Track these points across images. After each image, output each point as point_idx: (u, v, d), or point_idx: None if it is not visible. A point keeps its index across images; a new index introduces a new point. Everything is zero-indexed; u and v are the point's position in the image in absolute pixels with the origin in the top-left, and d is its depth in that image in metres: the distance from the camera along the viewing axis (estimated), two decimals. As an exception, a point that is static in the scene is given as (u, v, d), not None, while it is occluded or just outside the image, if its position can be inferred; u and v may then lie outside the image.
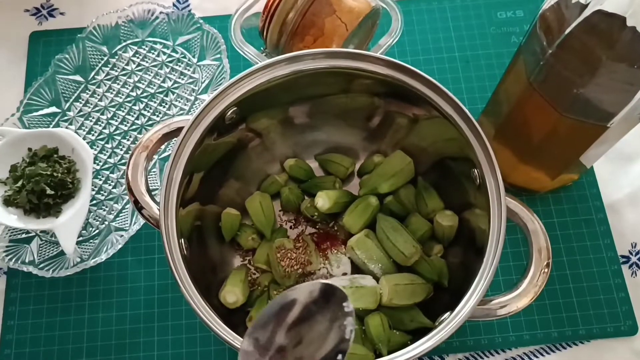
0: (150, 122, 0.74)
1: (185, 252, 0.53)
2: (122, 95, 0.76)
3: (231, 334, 0.49)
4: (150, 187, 0.57)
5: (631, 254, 0.69)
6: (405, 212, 0.66)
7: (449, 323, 0.49)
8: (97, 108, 0.75)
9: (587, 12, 0.48)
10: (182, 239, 0.54)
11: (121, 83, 0.77)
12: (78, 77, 0.76)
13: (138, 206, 0.55)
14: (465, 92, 0.77)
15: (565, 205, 0.71)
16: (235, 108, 0.58)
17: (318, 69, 0.57)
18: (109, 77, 0.77)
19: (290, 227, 0.69)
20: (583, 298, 0.67)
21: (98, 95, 0.76)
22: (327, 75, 0.59)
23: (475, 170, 0.55)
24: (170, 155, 0.54)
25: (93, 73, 0.77)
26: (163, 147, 0.69)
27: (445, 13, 0.82)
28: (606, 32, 0.48)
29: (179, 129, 0.56)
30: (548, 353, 0.65)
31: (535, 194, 0.71)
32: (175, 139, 0.56)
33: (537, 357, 0.65)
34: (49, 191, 0.64)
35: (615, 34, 0.48)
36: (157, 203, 0.55)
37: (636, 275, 0.68)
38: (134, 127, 0.74)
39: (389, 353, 0.50)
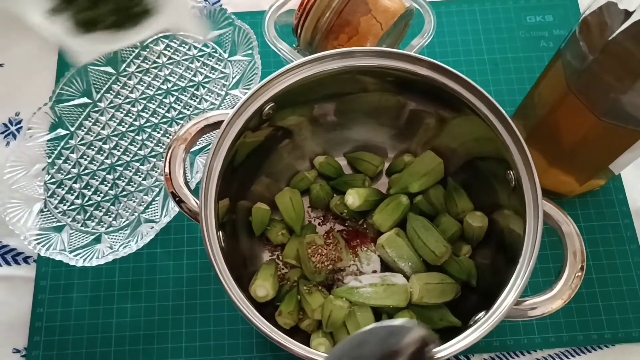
0: (181, 116, 0.75)
1: (222, 244, 0.54)
2: (153, 88, 0.77)
3: (269, 326, 0.50)
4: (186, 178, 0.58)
5: (657, 259, 0.70)
6: (434, 212, 0.67)
7: (485, 322, 0.50)
8: (127, 100, 0.76)
9: (633, 19, 0.48)
10: (220, 232, 0.54)
11: (152, 76, 0.77)
12: (109, 69, 0.77)
13: (176, 198, 0.56)
14: (494, 95, 0.75)
15: (592, 210, 0.71)
16: (273, 104, 0.58)
17: (367, 67, 0.58)
18: (140, 69, 0.78)
19: (319, 224, 0.69)
20: (609, 302, 0.67)
21: (129, 87, 0.77)
22: (368, 73, 0.59)
23: (511, 172, 0.56)
24: (201, 149, 0.54)
25: (124, 65, 0.77)
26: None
27: (475, 16, 0.82)
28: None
29: (219, 122, 0.56)
30: (573, 356, 0.66)
31: (562, 198, 0.71)
32: (215, 131, 0.56)
33: (562, 359, 0.66)
34: None
35: (659, 41, 0.48)
36: (193, 195, 0.56)
37: (662, 281, 0.69)
38: (164, 120, 0.75)
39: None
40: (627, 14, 0.49)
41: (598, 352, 0.66)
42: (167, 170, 0.56)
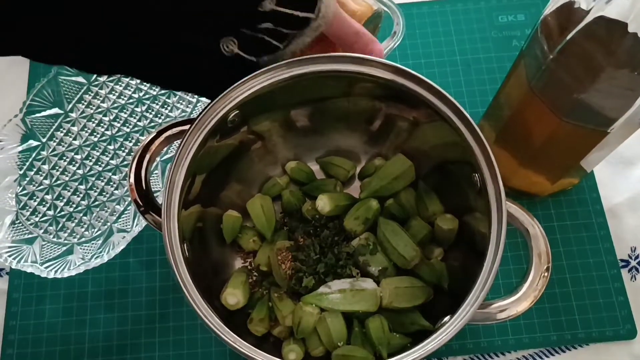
0: (152, 124, 0.75)
1: (187, 254, 0.54)
2: (125, 97, 0.76)
3: (232, 335, 0.49)
4: (152, 189, 0.57)
5: (630, 258, 0.70)
6: (405, 215, 0.67)
7: (449, 327, 0.49)
8: (99, 110, 0.76)
9: (589, 18, 0.48)
10: (185, 242, 0.54)
11: (123, 85, 0.77)
12: (81, 79, 0.77)
13: (140, 209, 0.55)
14: (467, 95, 0.77)
15: (565, 209, 0.71)
16: (237, 111, 0.58)
17: (320, 72, 0.58)
18: (111, 78, 0.77)
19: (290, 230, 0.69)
20: (582, 302, 0.67)
21: (100, 96, 0.76)
22: (329, 78, 0.59)
23: (476, 175, 0.55)
24: (172, 157, 0.55)
25: (95, 74, 0.77)
26: (165, 149, 0.69)
27: (446, 17, 0.82)
28: (607, 38, 0.49)
29: (181, 132, 0.56)
30: (547, 356, 0.66)
31: (535, 197, 0.71)
32: (178, 141, 0.56)
33: (536, 360, 0.66)
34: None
35: (617, 40, 0.48)
36: (159, 205, 0.56)
37: (635, 279, 0.69)
38: (136, 129, 0.75)
39: (389, 355, 0.50)
40: (584, 13, 0.49)
41: (572, 351, 0.66)
42: (131, 180, 0.56)
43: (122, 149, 0.74)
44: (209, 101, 0.56)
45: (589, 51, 0.50)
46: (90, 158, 0.74)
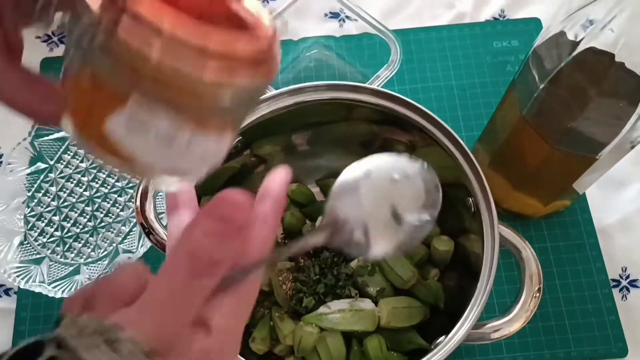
0: (157, 147, 0.77)
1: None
2: (131, 120, 0.78)
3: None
4: (158, 211, 0.59)
5: (622, 277, 0.71)
6: (403, 237, 0.68)
7: (445, 345, 0.51)
8: (105, 132, 0.78)
9: (578, 49, 0.50)
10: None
11: (129, 108, 0.79)
12: (88, 102, 0.79)
13: (145, 231, 0.57)
14: (462, 119, 0.79)
15: (558, 230, 0.73)
16: (241, 137, 0.60)
17: (319, 100, 0.60)
18: (117, 102, 0.79)
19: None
20: (575, 321, 0.69)
21: (107, 120, 0.78)
22: (328, 105, 0.61)
23: (470, 199, 0.58)
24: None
25: None
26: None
27: (443, 42, 0.84)
28: (596, 68, 0.51)
29: (187, 157, 0.58)
30: (541, 374, 0.68)
31: (529, 219, 0.73)
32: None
33: (530, 378, 0.67)
34: None
35: (605, 70, 0.50)
36: (164, 227, 0.57)
37: (626, 298, 0.70)
38: (141, 151, 0.77)
39: (387, 374, 0.52)
40: (574, 44, 0.51)
41: (565, 369, 0.68)
42: (137, 203, 0.58)
43: (128, 171, 0.76)
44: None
45: (578, 81, 0.52)
46: (96, 180, 0.75)
